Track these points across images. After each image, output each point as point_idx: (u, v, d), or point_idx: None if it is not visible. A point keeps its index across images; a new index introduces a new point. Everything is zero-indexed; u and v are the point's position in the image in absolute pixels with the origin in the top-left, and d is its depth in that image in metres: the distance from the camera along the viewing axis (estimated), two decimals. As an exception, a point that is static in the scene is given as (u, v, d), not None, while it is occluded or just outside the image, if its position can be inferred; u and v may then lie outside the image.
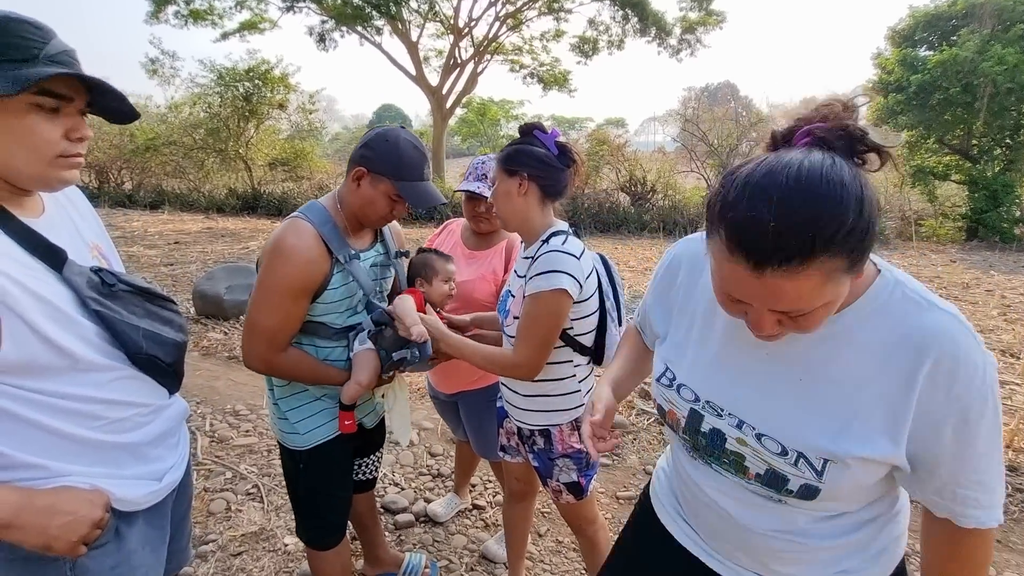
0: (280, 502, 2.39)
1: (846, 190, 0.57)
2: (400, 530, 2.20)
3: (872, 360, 0.69)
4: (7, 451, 0.78)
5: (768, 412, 0.74)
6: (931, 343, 0.66)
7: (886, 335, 0.68)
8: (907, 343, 0.67)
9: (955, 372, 0.65)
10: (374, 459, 1.74)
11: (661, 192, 11.70)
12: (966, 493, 0.69)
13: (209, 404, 3.35)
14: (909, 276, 0.73)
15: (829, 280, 0.59)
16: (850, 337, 0.70)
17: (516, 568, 1.82)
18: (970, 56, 9.41)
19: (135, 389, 0.90)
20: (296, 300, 1.27)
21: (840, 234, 0.57)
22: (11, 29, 0.77)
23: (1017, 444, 2.78)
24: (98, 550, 0.85)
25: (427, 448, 2.85)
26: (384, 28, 14.29)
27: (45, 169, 0.81)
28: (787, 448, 0.72)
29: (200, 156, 14.24)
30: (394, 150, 1.28)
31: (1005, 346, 4.27)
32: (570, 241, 1.30)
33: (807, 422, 0.71)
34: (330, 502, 1.51)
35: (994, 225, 9.76)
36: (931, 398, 0.66)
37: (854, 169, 0.61)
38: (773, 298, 0.62)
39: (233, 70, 13.77)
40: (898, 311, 0.69)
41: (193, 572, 1.97)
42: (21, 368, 0.78)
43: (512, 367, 1.29)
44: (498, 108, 23.04)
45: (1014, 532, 2.22)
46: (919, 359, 0.66)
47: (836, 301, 0.64)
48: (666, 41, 14.00)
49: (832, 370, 0.71)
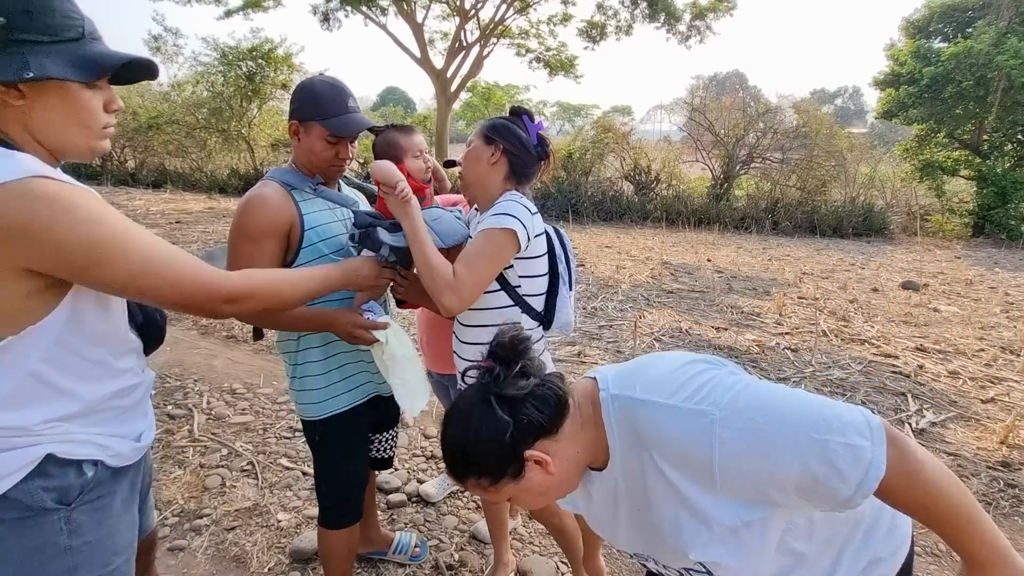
0: (275, 479, 2.41)
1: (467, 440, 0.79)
2: (392, 509, 2.23)
3: (643, 475, 0.78)
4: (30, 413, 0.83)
5: (648, 547, 0.85)
6: (645, 439, 0.75)
7: (634, 453, 0.78)
8: (640, 449, 0.77)
9: (675, 449, 0.73)
10: (390, 436, 1.74)
11: (665, 182, 11.59)
12: (818, 489, 0.68)
13: (207, 382, 3.36)
14: (618, 371, 0.82)
15: (482, 490, 0.81)
16: (628, 469, 0.80)
17: (500, 549, 1.84)
18: (985, 49, 9.23)
19: (136, 357, 0.99)
20: (253, 241, 1.28)
21: (473, 474, 0.80)
22: (59, 8, 0.80)
23: (1011, 440, 2.78)
24: (89, 504, 0.89)
25: (421, 430, 2.87)
26: (389, 8, 14.07)
27: (93, 141, 0.87)
28: (677, 569, 0.83)
29: (203, 136, 14.14)
30: (311, 93, 1.33)
31: (1006, 343, 4.26)
32: (527, 200, 1.37)
33: (664, 549, 0.81)
34: (348, 478, 1.53)
35: (1001, 222, 9.66)
36: (686, 472, 0.73)
37: (483, 409, 0.78)
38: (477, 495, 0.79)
39: (236, 49, 13.60)
40: (623, 427, 0.78)
41: (187, 545, 2.00)
42: (93, 337, 0.87)
43: (446, 286, 1.23)
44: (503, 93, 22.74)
45: (1003, 526, 2.22)
46: (650, 454, 0.75)
47: (520, 494, 0.80)
48: (675, 27, 13.75)
49: (641, 500, 0.81)
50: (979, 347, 4.16)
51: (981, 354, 4.02)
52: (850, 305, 5.31)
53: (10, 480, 0.81)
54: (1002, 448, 2.74)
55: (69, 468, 0.86)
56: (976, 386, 3.48)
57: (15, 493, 0.82)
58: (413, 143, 1.46)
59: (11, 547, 0.83)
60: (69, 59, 0.80)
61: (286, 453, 2.62)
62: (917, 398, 3.31)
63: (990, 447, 2.77)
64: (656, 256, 7.49)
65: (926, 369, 3.73)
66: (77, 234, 0.76)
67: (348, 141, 1.37)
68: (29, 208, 0.73)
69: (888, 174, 11.76)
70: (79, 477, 0.87)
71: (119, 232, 0.80)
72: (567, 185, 11.27)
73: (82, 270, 0.79)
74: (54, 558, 0.85)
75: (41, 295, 0.80)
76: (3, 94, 0.78)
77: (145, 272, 0.82)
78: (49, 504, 0.84)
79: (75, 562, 0.87)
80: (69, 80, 0.80)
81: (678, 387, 0.74)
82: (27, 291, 0.78)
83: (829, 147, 10.81)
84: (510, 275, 1.36)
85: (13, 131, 0.81)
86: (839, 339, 4.35)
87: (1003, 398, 3.30)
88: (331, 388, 1.44)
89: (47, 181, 0.76)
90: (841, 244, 9.36)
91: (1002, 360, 3.92)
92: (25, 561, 0.84)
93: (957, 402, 3.26)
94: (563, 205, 10.81)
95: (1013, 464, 2.61)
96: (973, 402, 3.27)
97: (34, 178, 0.75)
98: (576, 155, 11.55)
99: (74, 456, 0.87)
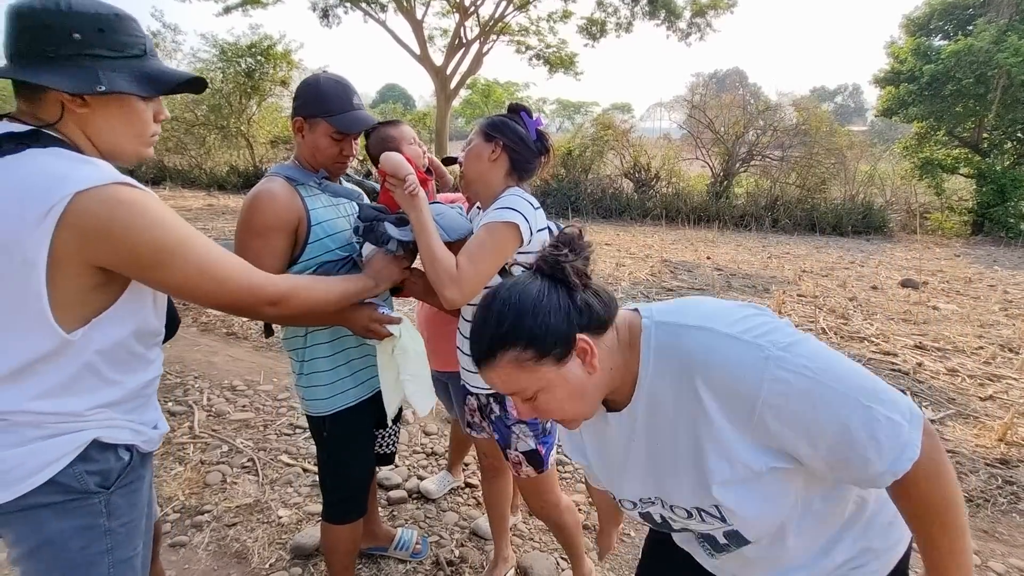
0: (275, 476, 2.42)
1: (523, 302, 0.75)
2: (393, 505, 2.23)
3: (675, 405, 0.76)
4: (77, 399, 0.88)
5: (661, 487, 0.83)
6: (691, 363, 0.73)
7: (669, 380, 0.76)
8: (681, 375, 0.74)
9: (723, 375, 0.71)
10: (392, 431, 1.75)
11: (665, 179, 11.59)
12: (851, 456, 0.69)
13: (207, 379, 3.37)
14: (664, 305, 0.81)
15: (531, 371, 0.75)
16: (655, 401, 0.78)
17: (500, 545, 1.85)
18: (985, 47, 9.22)
19: (159, 349, 1.05)
20: (261, 237, 1.28)
21: (520, 341, 0.74)
22: (126, 27, 0.88)
23: (1010, 438, 2.79)
24: (125, 488, 0.94)
25: (422, 427, 2.88)
26: (388, 5, 14.03)
27: (141, 149, 0.94)
28: (687, 509, 0.81)
29: (202, 132, 14.11)
30: (315, 90, 1.33)
31: (1004, 341, 4.27)
32: (530, 196, 1.38)
33: (679, 483, 0.80)
34: (353, 473, 1.53)
35: (1001, 220, 9.68)
36: (726, 404, 0.71)
37: (543, 283, 0.77)
38: (502, 388, 0.78)
39: (235, 45, 13.57)
40: (665, 353, 0.76)
41: (188, 541, 2.01)
42: (137, 331, 0.92)
43: (449, 279, 1.23)
44: (503, 90, 22.71)
45: (1000, 523, 2.24)
46: (692, 380, 0.73)
47: (569, 391, 0.76)
48: (675, 24, 13.73)
49: (665, 433, 0.79)
50: (978, 345, 4.17)
51: (980, 352, 4.03)
52: (849, 303, 5.32)
53: (59, 464, 0.85)
54: (1000, 445, 2.75)
55: (109, 453, 0.92)
56: (975, 383, 3.49)
57: (62, 477, 0.86)
58: (404, 133, 1.49)
59: (56, 529, 0.87)
60: (133, 75, 0.88)
61: (286, 450, 2.63)
62: (916, 395, 3.32)
63: (988, 444, 2.78)
64: (656, 254, 7.50)
65: (925, 367, 3.74)
66: (150, 236, 0.83)
67: (352, 138, 1.38)
68: (112, 211, 0.80)
69: (888, 172, 11.75)
70: (117, 461, 0.93)
71: (181, 237, 0.87)
72: (567, 182, 11.27)
73: (147, 269, 0.85)
74: (95, 540, 0.90)
75: (102, 290, 0.86)
76: (69, 102, 0.85)
77: (201, 273, 0.89)
78: (92, 487, 0.89)
79: (112, 543, 0.92)
80: (133, 95, 0.88)
81: (737, 320, 0.74)
82: (93, 286, 0.84)
83: (829, 145, 10.81)
84: (513, 270, 1.36)
85: (74, 136, 0.87)
86: (838, 337, 4.35)
87: (1001, 395, 3.31)
88: (339, 384, 1.44)
89: (126, 187, 0.82)
90: (840, 242, 9.37)
91: (1001, 358, 3.93)
92: (69, 543, 0.88)
93: (956, 399, 3.27)
94: (563, 202, 10.81)
95: (1011, 461, 2.62)
96: (971, 399, 3.28)
97: (116, 184, 0.81)
98: (576, 153, 11.54)
99: (115, 441, 0.92)
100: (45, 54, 0.82)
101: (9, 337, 0.81)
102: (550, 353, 0.74)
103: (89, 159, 0.84)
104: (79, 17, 0.83)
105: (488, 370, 0.78)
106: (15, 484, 0.83)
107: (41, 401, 0.84)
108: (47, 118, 0.85)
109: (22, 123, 0.85)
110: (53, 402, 0.85)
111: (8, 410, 0.83)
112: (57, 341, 0.82)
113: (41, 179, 0.78)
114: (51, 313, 0.80)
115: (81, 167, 0.81)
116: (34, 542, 0.87)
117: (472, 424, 1.61)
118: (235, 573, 1.88)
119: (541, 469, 1.47)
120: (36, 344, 0.82)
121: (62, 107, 0.85)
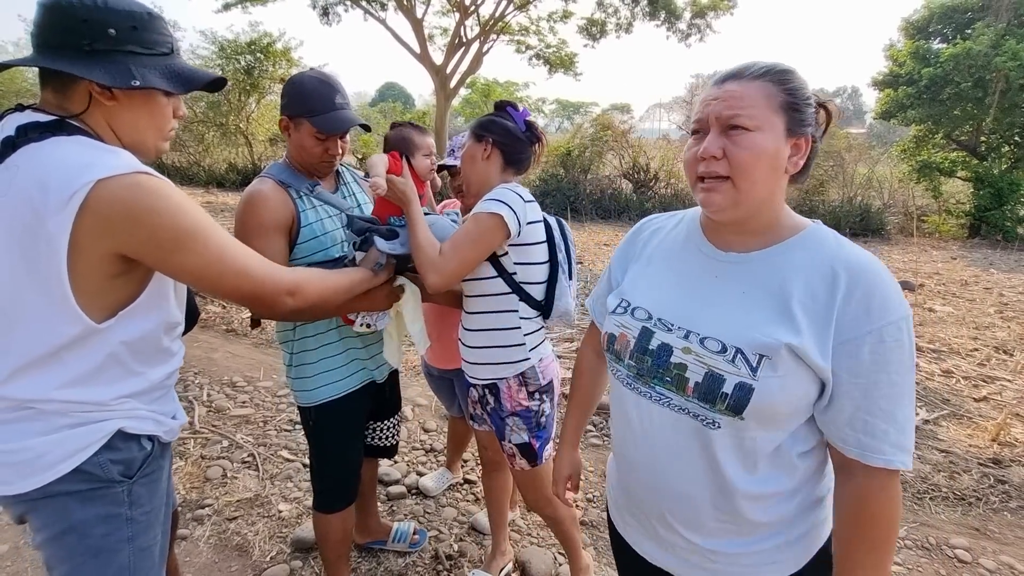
0: (275, 471, 2.43)
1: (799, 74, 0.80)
2: (392, 501, 2.25)
3: (803, 278, 0.78)
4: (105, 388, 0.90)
5: (712, 318, 0.83)
6: (849, 270, 0.76)
7: (815, 261, 0.79)
8: (832, 270, 0.77)
9: (871, 295, 0.74)
10: (391, 424, 1.76)
11: (664, 180, 11.61)
12: (876, 423, 0.74)
13: (207, 375, 3.38)
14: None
15: (769, 108, 0.76)
16: (786, 261, 0.81)
17: (498, 539, 1.86)
18: (984, 50, 9.26)
19: (180, 341, 1.07)
20: (259, 236, 1.29)
21: (786, 84, 0.77)
22: (156, 26, 0.91)
23: (1002, 438, 2.82)
24: (146, 477, 0.96)
25: (421, 424, 2.90)
26: (389, 3, 14.01)
27: (161, 143, 0.97)
28: (727, 345, 0.79)
29: (200, 129, 14.09)
30: (299, 89, 1.34)
31: (999, 343, 4.30)
32: (521, 189, 1.37)
33: (745, 320, 0.80)
34: (341, 462, 1.55)
35: (997, 223, 9.72)
36: (851, 314, 0.74)
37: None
38: (724, 104, 0.78)
39: (235, 43, 13.55)
40: (828, 246, 0.80)
41: (190, 534, 2.02)
42: (160, 323, 0.95)
43: (431, 266, 1.28)
44: (502, 89, 22.68)
45: (992, 521, 2.27)
46: (837, 281, 0.76)
47: (768, 157, 0.76)
48: (675, 25, 13.75)
49: (770, 284, 0.81)
50: (973, 347, 4.21)
51: (975, 354, 4.06)
52: (846, 304, 5.34)
53: (85, 453, 0.87)
54: (993, 445, 2.78)
55: (132, 442, 0.93)
56: (969, 385, 3.53)
57: (87, 466, 0.88)
58: (425, 142, 1.52)
59: (80, 518, 0.89)
60: (163, 72, 0.91)
61: (286, 445, 2.64)
62: (911, 396, 3.34)
63: (982, 444, 2.81)
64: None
65: (920, 368, 3.77)
66: (171, 220, 0.84)
67: (338, 137, 1.38)
68: (135, 196, 0.81)
69: (886, 174, 11.80)
70: (140, 451, 0.95)
71: (202, 224, 0.88)
72: (566, 183, 11.28)
73: (167, 255, 0.86)
74: (117, 528, 0.92)
75: (124, 279, 0.87)
76: (98, 94, 0.87)
77: (222, 260, 0.90)
78: (116, 476, 0.91)
79: (133, 532, 0.94)
80: (164, 91, 0.91)
81: (890, 279, 0.77)
82: (114, 274, 0.85)
83: (827, 147, 10.83)
84: (505, 262, 1.38)
85: (98, 127, 0.89)
86: (835, 337, 4.38)
87: (995, 397, 3.34)
88: (325, 375, 1.47)
89: (148, 176, 0.84)
90: (838, 244, 9.38)
91: (995, 360, 3.96)
92: (92, 530, 0.89)
93: (950, 400, 3.30)
94: (561, 203, 10.82)
95: (1003, 461, 2.65)
96: (966, 400, 3.31)
97: (138, 173, 0.83)
98: (575, 153, 11.55)
99: (138, 431, 0.94)
100: (81, 47, 0.84)
101: (35, 322, 0.82)
102: (788, 114, 0.76)
103: (113, 148, 0.86)
104: (115, 14, 0.86)
105: (737, 81, 0.78)
106: (43, 472, 0.85)
107: (68, 390, 0.85)
108: (74, 109, 0.87)
109: (46, 113, 0.86)
110: (79, 390, 0.86)
111: (36, 398, 0.84)
112: (81, 327, 0.83)
113: (65, 165, 0.79)
114: (74, 298, 0.81)
115: (105, 155, 0.83)
116: (58, 528, 0.88)
117: (474, 416, 1.63)
118: (236, 566, 1.90)
119: (535, 463, 1.49)
120: (61, 329, 0.83)
121: (89, 98, 0.86)
